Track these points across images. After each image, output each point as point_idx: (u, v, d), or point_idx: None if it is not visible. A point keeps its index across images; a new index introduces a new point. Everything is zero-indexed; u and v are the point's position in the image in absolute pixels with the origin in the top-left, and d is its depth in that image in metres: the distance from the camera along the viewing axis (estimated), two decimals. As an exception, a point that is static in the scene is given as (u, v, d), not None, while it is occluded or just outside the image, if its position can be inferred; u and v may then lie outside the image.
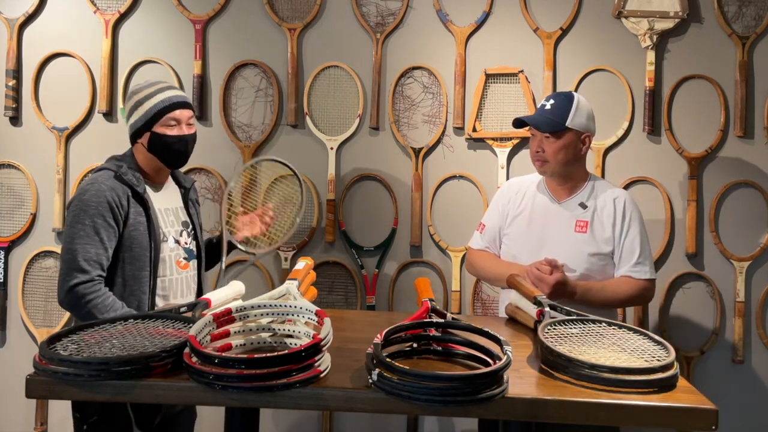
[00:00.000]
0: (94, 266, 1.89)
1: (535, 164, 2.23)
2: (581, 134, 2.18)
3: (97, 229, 1.90)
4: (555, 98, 2.20)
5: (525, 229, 2.25)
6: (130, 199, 1.97)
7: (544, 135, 2.16)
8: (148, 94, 2.04)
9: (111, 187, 1.94)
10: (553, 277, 1.98)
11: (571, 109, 2.15)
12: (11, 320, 3.01)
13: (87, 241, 1.89)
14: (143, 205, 2.00)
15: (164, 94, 2.04)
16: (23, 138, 3.01)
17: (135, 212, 1.97)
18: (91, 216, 1.90)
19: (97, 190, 1.93)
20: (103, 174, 1.99)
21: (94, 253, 1.90)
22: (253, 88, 2.98)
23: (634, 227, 2.18)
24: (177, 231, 2.11)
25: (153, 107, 2.01)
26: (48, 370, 1.28)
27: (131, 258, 1.97)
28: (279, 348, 1.46)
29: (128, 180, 1.98)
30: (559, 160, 2.17)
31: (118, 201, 1.94)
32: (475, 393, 1.22)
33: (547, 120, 2.16)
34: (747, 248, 2.86)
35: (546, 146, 2.17)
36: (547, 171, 2.21)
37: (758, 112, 2.85)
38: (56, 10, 3.00)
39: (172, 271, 2.07)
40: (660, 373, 1.33)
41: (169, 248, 2.06)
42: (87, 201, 1.91)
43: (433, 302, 1.62)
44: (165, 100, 2.03)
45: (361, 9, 2.95)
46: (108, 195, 1.92)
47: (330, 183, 2.93)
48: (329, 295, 2.96)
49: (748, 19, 2.85)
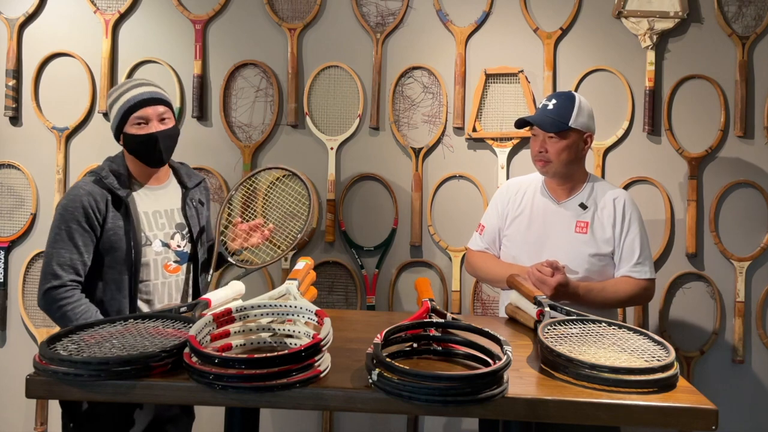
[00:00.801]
0: (67, 271, 1.90)
1: (536, 165, 2.22)
2: (583, 134, 2.19)
3: (72, 234, 1.91)
4: (557, 98, 2.20)
5: (525, 230, 2.25)
6: (109, 203, 1.96)
7: (548, 135, 2.16)
8: (117, 95, 2.01)
9: (89, 191, 1.94)
10: (554, 279, 1.98)
11: (573, 108, 2.15)
12: (11, 320, 3.01)
13: (62, 246, 1.90)
14: (123, 209, 1.98)
15: (130, 93, 1.98)
16: (23, 138, 3.01)
17: (114, 216, 1.96)
18: (66, 221, 1.91)
19: (75, 195, 1.94)
20: (85, 179, 2.00)
21: (68, 258, 1.90)
22: (253, 88, 2.98)
23: (634, 227, 2.18)
24: (167, 234, 2.07)
25: (120, 108, 1.99)
26: (48, 370, 1.28)
27: (111, 262, 1.96)
28: (279, 348, 1.46)
29: (108, 183, 1.97)
30: (562, 160, 2.16)
31: (95, 206, 1.93)
32: (475, 393, 1.22)
33: (551, 120, 2.15)
34: (747, 248, 2.86)
35: (549, 146, 2.16)
36: (549, 171, 2.20)
37: (758, 112, 2.85)
38: (56, 10, 3.00)
39: (157, 275, 2.03)
40: (660, 373, 1.33)
41: (154, 252, 2.03)
42: (65, 206, 1.93)
43: (433, 302, 1.62)
44: (129, 100, 1.97)
45: (361, 9, 2.95)
46: (84, 200, 1.92)
47: (330, 183, 2.93)
48: (329, 295, 2.96)
49: (748, 19, 2.85)
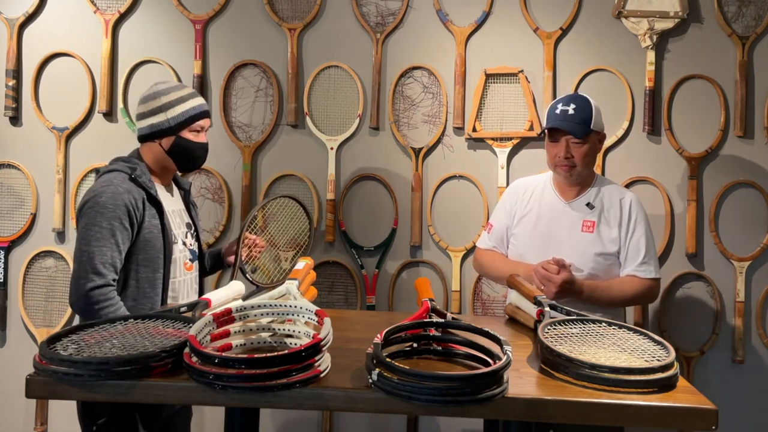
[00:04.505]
0: (109, 270, 1.88)
1: (558, 170, 2.21)
2: (599, 134, 2.21)
3: (114, 232, 1.88)
4: (574, 102, 2.19)
5: (532, 229, 2.26)
6: (146, 201, 1.97)
7: (573, 141, 2.16)
8: (179, 97, 2.04)
9: (127, 189, 1.93)
10: (560, 277, 1.99)
11: (592, 111, 2.18)
12: (11, 320, 3.01)
13: (104, 244, 1.87)
14: (157, 207, 2.00)
15: (196, 101, 2.08)
16: (23, 138, 3.01)
17: (150, 215, 1.97)
18: (108, 218, 1.88)
19: (114, 192, 1.91)
20: (118, 176, 1.97)
21: (110, 257, 1.88)
22: (253, 88, 2.98)
23: (640, 227, 2.20)
24: (183, 233, 2.12)
25: (185, 112, 2.03)
26: (48, 370, 1.28)
27: (146, 260, 1.96)
28: (279, 348, 1.46)
29: (143, 182, 1.97)
30: (587, 163, 2.19)
31: (135, 204, 1.93)
32: (475, 393, 1.22)
33: (579, 127, 2.15)
34: (747, 248, 2.85)
35: (575, 151, 2.17)
36: (574, 175, 2.21)
37: (758, 112, 2.85)
38: (56, 10, 3.00)
39: (181, 273, 2.08)
40: (660, 373, 1.33)
41: (178, 250, 2.07)
42: (104, 203, 1.89)
43: (433, 302, 1.62)
44: (197, 107, 2.07)
45: (361, 9, 2.95)
46: (125, 198, 1.91)
47: (330, 183, 2.93)
48: (329, 295, 2.96)
49: (748, 19, 2.85)
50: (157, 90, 2.06)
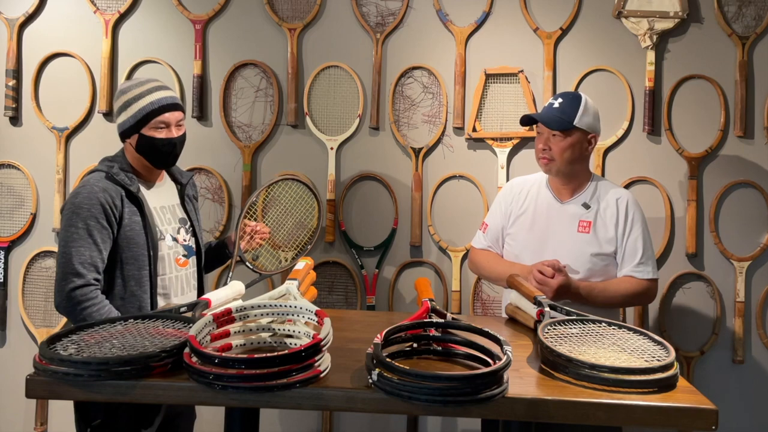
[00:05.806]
0: (89, 269, 1.88)
1: (540, 162, 2.23)
2: (588, 134, 2.19)
3: (91, 232, 1.89)
4: (563, 97, 2.21)
5: (528, 229, 2.25)
6: (124, 199, 1.96)
7: (552, 133, 2.17)
8: (137, 94, 2.00)
9: (103, 188, 1.93)
10: (556, 281, 1.99)
11: (579, 108, 2.16)
12: (11, 320, 3.01)
13: (81, 244, 1.88)
14: (138, 204, 1.99)
15: (154, 96, 2.00)
16: (23, 138, 3.01)
17: (130, 212, 1.96)
18: (83, 218, 1.89)
19: (89, 192, 1.91)
20: (95, 175, 1.98)
21: (89, 256, 1.88)
22: (253, 88, 2.98)
23: (637, 227, 2.19)
24: (174, 228, 2.10)
25: (142, 109, 1.98)
26: (48, 370, 1.28)
27: (130, 258, 1.96)
28: (279, 348, 1.46)
29: (120, 180, 1.96)
30: (565, 158, 2.17)
31: (111, 202, 1.92)
32: (475, 393, 1.22)
33: (555, 118, 2.16)
34: (747, 248, 2.85)
35: (553, 144, 2.17)
36: (552, 169, 2.21)
37: (758, 112, 2.85)
38: (56, 10, 3.00)
39: (171, 269, 2.07)
40: (660, 373, 1.33)
41: (167, 246, 2.05)
42: (79, 204, 1.90)
43: (433, 302, 1.62)
44: (155, 102, 1.99)
45: (361, 9, 2.95)
46: (100, 196, 1.91)
47: (330, 183, 2.93)
48: (329, 295, 2.96)
49: (748, 19, 2.85)
50: (121, 88, 2.05)
